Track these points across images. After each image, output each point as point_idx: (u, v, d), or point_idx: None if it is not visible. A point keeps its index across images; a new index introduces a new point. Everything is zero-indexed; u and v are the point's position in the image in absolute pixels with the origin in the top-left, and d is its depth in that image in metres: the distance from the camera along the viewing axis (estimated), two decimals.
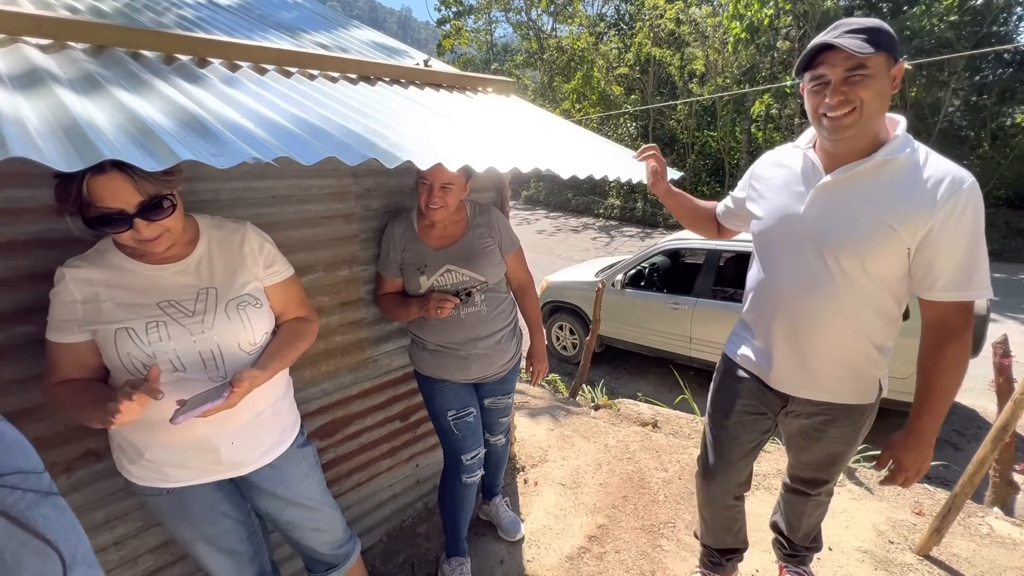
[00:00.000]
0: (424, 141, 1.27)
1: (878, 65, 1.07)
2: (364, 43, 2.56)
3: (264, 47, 1.58)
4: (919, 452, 1.21)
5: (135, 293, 1.08)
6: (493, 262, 1.72)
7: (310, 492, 1.38)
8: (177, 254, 1.14)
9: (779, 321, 1.33)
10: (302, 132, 1.07)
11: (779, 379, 1.39)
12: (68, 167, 0.65)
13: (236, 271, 1.20)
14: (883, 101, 1.10)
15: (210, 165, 0.79)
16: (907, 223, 1.09)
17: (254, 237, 1.26)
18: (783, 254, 1.30)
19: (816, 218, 1.22)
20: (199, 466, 1.19)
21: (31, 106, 0.82)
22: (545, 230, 15.01)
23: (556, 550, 2.11)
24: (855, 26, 1.09)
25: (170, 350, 1.08)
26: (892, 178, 1.13)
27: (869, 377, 1.32)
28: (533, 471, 2.65)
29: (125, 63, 1.20)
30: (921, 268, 1.13)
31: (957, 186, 1.06)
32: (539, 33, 20.63)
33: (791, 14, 12.12)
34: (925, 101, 11.58)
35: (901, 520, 2.25)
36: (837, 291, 1.21)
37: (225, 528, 1.28)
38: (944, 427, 4.16)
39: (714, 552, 1.76)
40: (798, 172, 1.29)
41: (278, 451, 1.30)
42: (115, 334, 1.04)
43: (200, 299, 1.13)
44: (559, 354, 5.76)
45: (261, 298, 1.24)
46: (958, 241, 1.07)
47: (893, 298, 1.22)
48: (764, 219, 1.36)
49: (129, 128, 0.81)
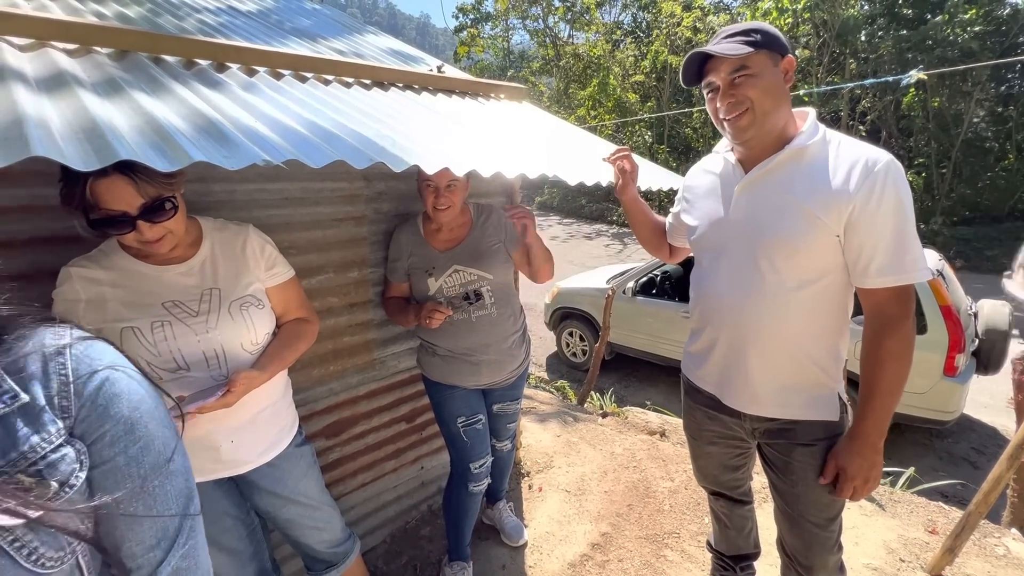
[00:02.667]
0: (432, 146, 1.29)
1: (761, 63, 1.09)
2: (380, 49, 2.61)
3: (281, 52, 1.62)
4: (865, 457, 1.12)
5: (140, 293, 1.10)
6: (500, 260, 1.73)
7: (308, 490, 1.40)
8: (181, 255, 1.16)
9: (718, 330, 1.29)
10: (314, 136, 1.10)
11: (726, 393, 1.32)
12: (86, 167, 0.68)
13: (239, 272, 1.22)
14: (776, 97, 1.11)
15: (222, 167, 0.82)
16: (829, 209, 1.07)
17: (256, 239, 1.28)
18: (716, 260, 1.28)
19: (743, 219, 1.20)
20: (199, 465, 1.19)
21: (55, 108, 0.85)
22: (558, 236, 15.01)
23: (558, 557, 2.10)
24: (732, 30, 1.12)
25: (175, 349, 1.10)
26: (808, 166, 1.12)
27: (822, 387, 1.22)
28: (538, 477, 2.65)
29: (147, 67, 1.24)
30: (852, 255, 1.09)
31: (872, 166, 1.04)
32: (556, 40, 20.72)
33: (810, 23, 12.02)
34: (948, 112, 11.38)
35: (913, 538, 2.20)
36: (774, 293, 1.16)
37: (225, 526, 1.30)
38: (963, 444, 4.05)
39: (726, 560, 1.69)
40: (721, 176, 1.30)
41: (276, 450, 1.32)
42: (121, 333, 1.06)
43: (204, 299, 1.16)
44: (569, 360, 5.74)
45: (263, 299, 1.26)
46: (883, 222, 1.04)
47: (835, 295, 1.16)
48: (696, 227, 1.34)
49: (147, 130, 0.84)
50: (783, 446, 1.28)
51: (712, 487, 1.60)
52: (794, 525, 1.33)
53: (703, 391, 1.40)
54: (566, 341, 5.72)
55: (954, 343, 3.52)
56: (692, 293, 1.41)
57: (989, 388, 4.59)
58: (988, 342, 3.75)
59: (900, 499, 2.50)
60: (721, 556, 1.71)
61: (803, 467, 1.25)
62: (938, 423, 3.68)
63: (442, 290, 1.68)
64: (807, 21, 11.98)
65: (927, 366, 3.59)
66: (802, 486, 1.28)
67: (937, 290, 3.60)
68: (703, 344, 1.35)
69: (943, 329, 3.55)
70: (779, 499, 1.35)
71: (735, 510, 1.60)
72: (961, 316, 3.62)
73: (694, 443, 1.54)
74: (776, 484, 1.34)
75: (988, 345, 3.75)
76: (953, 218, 11.27)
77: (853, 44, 11.96)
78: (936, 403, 3.62)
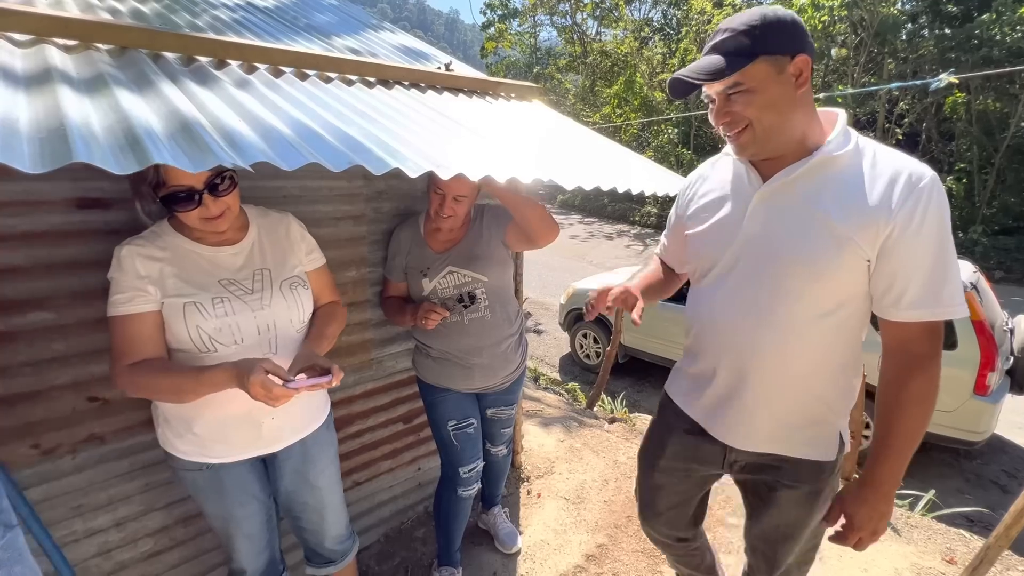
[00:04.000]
0: (422, 147, 1.26)
1: (758, 75, 0.92)
2: (392, 46, 2.59)
3: (282, 49, 1.61)
4: (875, 508, 1.00)
5: (197, 271, 1.17)
6: (496, 261, 1.70)
7: (330, 478, 1.46)
8: (231, 238, 1.24)
9: (718, 359, 1.14)
10: (296, 136, 1.08)
11: (716, 426, 1.19)
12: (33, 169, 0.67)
13: (284, 255, 1.32)
14: (782, 110, 0.95)
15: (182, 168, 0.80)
16: (864, 229, 0.92)
17: (295, 225, 1.38)
18: (723, 279, 1.11)
19: (759, 234, 1.04)
20: (241, 442, 1.27)
21: (28, 105, 0.85)
22: (578, 235, 14.89)
23: (551, 567, 2.06)
24: (730, 27, 0.94)
25: (234, 324, 1.17)
26: (840, 178, 0.96)
27: (827, 425, 1.11)
28: (538, 482, 2.61)
29: (142, 64, 1.24)
30: (882, 283, 0.95)
31: (916, 182, 0.91)
32: (583, 37, 20.51)
33: (847, 20, 11.58)
34: (993, 115, 10.83)
35: (928, 567, 2.08)
36: (788, 322, 1.02)
37: (251, 510, 1.35)
38: (993, 467, 3.85)
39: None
40: (733, 181, 1.12)
41: (310, 428, 1.39)
42: (184, 307, 1.13)
43: (256, 279, 1.24)
44: (582, 362, 5.68)
45: (306, 279, 1.35)
46: (923, 248, 0.91)
47: (853, 327, 1.03)
48: (701, 238, 1.17)
49: (116, 130, 0.83)
50: (767, 482, 1.18)
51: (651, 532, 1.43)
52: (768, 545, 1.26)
53: (690, 418, 1.26)
54: (580, 342, 5.66)
55: (986, 360, 3.34)
56: (689, 312, 1.25)
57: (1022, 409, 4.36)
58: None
59: (918, 524, 2.38)
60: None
61: (787, 507, 1.17)
62: (966, 444, 3.50)
63: (436, 291, 1.67)
64: (844, 19, 11.55)
65: (956, 383, 3.42)
66: (782, 521, 1.20)
67: (970, 303, 3.41)
68: (699, 370, 1.21)
69: (975, 345, 3.37)
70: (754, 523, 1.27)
71: (671, 552, 1.47)
72: (995, 332, 3.43)
73: (650, 473, 1.35)
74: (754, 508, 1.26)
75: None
76: (994, 227, 10.73)
77: (892, 43, 11.49)
78: (964, 422, 3.44)
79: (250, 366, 1.02)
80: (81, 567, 1.42)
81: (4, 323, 1.21)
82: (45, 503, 1.32)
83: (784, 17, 0.93)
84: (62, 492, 1.36)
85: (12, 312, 1.22)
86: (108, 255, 1.32)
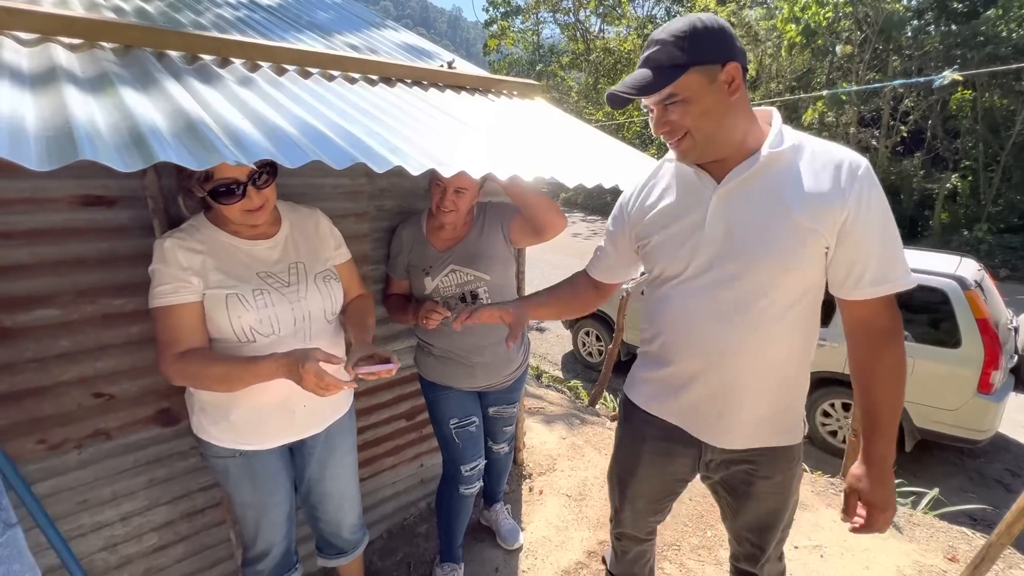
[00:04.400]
0: (424, 145, 1.27)
1: (691, 85, 0.95)
2: (394, 44, 2.60)
3: (285, 48, 1.62)
4: (885, 485, 1.05)
5: (236, 264, 1.22)
6: (498, 259, 1.70)
7: (349, 468, 1.52)
8: (265, 232, 1.29)
9: (696, 365, 1.14)
10: (299, 134, 1.09)
11: (695, 427, 1.20)
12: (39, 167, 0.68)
13: (316, 249, 1.37)
14: (718, 117, 0.98)
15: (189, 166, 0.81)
16: (823, 217, 0.97)
17: (324, 221, 1.44)
18: (692, 280, 1.11)
19: (723, 234, 1.05)
20: (275, 429, 1.31)
21: (34, 104, 0.86)
22: (581, 233, 14.87)
23: (553, 563, 2.07)
24: (660, 39, 0.96)
25: (273, 315, 1.22)
26: (789, 173, 1.00)
27: (793, 411, 1.16)
28: (540, 479, 2.62)
29: (146, 63, 1.25)
30: (842, 266, 1.00)
31: (856, 168, 0.97)
32: (586, 34, 20.45)
33: (851, 17, 11.51)
34: (999, 112, 10.76)
35: (930, 565, 2.08)
36: (760, 319, 1.04)
37: (280, 498, 1.40)
38: (996, 465, 3.84)
39: None
40: (686, 186, 1.12)
41: (337, 414, 1.45)
42: (226, 298, 1.17)
43: (292, 272, 1.29)
44: (584, 360, 5.69)
45: (335, 272, 1.40)
46: (874, 229, 0.97)
47: (813, 312, 1.08)
48: (664, 245, 1.15)
49: (121, 128, 0.84)
50: (743, 478, 1.22)
51: (632, 532, 1.47)
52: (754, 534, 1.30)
53: (661, 422, 1.25)
54: (582, 340, 5.67)
55: (990, 359, 3.33)
56: (656, 317, 1.22)
57: None
58: None
59: (920, 522, 2.38)
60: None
61: (765, 498, 1.21)
62: (970, 442, 3.49)
63: (438, 290, 1.67)
64: (849, 15, 11.48)
65: (960, 382, 3.41)
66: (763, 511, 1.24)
67: (974, 302, 3.40)
68: (671, 374, 1.20)
69: (979, 344, 3.36)
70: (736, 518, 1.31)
71: (636, 547, 1.52)
72: (999, 330, 3.42)
73: (631, 480, 1.36)
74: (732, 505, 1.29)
75: None
76: (1000, 225, 10.67)
77: (897, 40, 11.41)
78: (968, 421, 3.43)
79: (304, 356, 1.05)
80: (87, 561, 1.43)
81: (10, 320, 1.23)
82: (52, 497, 1.34)
83: (712, 26, 0.95)
84: (68, 487, 1.37)
85: (18, 309, 1.23)
86: (112, 252, 1.34)
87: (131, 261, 1.36)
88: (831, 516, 2.39)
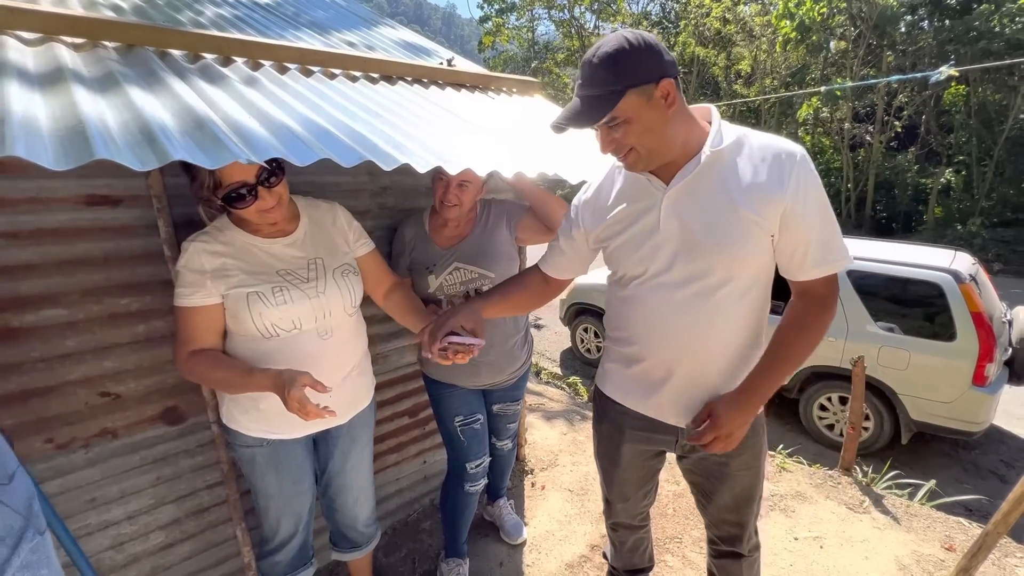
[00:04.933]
0: (429, 143, 1.27)
1: (629, 108, 0.99)
2: (392, 42, 2.60)
3: (287, 46, 1.62)
4: (740, 413, 1.11)
5: (257, 263, 1.25)
6: (503, 256, 1.69)
7: (368, 461, 1.57)
8: (284, 230, 1.31)
9: (668, 358, 1.19)
10: (307, 132, 1.09)
11: (671, 415, 1.25)
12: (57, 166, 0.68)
13: (335, 244, 1.39)
14: (658, 132, 1.02)
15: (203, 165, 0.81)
16: (765, 208, 1.03)
17: (342, 215, 1.45)
18: (651, 282, 1.16)
19: (677, 233, 1.10)
20: (297, 420, 1.27)
21: (44, 104, 0.86)
22: None
23: (557, 556, 2.09)
24: (588, 74, 0.99)
25: (293, 311, 1.25)
26: (731, 168, 1.06)
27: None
28: (542, 475, 2.64)
29: (150, 62, 1.25)
30: (787, 251, 1.08)
31: (791, 159, 1.03)
32: (581, 31, 20.42)
33: (845, 13, 11.55)
34: (992, 107, 10.83)
35: (927, 554, 2.11)
36: (723, 307, 1.11)
37: (303, 488, 1.43)
38: (991, 456, 3.89)
39: (621, 574, 1.70)
40: (638, 190, 1.16)
41: (361, 405, 1.49)
42: (247, 297, 1.20)
43: (311, 268, 1.31)
44: (583, 356, 5.70)
45: (355, 266, 1.43)
46: (812, 215, 1.04)
47: (767, 293, 1.16)
48: (623, 248, 1.19)
49: (132, 128, 0.85)
50: (718, 459, 1.28)
51: (626, 520, 1.54)
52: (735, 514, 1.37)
53: (638, 414, 1.30)
54: (580, 337, 5.68)
55: (985, 352, 3.36)
56: (623, 315, 1.26)
57: (1022, 398, 4.39)
58: (1023, 351, 3.58)
59: (917, 513, 2.41)
60: (615, 570, 1.71)
61: (740, 475, 1.29)
62: (965, 434, 3.53)
63: (442, 287, 1.67)
64: (843, 11, 11.52)
65: (955, 375, 3.44)
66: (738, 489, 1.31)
67: (969, 296, 3.44)
68: (644, 370, 1.25)
69: (974, 337, 3.39)
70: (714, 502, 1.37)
71: (633, 536, 1.59)
72: (994, 323, 3.45)
73: (616, 471, 1.43)
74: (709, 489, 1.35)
75: (1022, 355, 3.58)
76: (993, 219, 10.76)
77: (891, 36, 11.47)
78: (963, 413, 3.47)
79: (291, 381, 1.09)
80: (94, 559, 1.44)
81: (18, 319, 1.23)
82: (60, 496, 1.34)
83: (640, 46, 0.96)
84: (76, 486, 1.38)
85: (25, 309, 1.24)
86: (118, 251, 1.35)
87: (136, 260, 1.36)
88: (830, 508, 2.42)
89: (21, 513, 0.56)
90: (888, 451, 3.69)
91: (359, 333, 1.47)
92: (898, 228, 12.30)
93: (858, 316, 3.72)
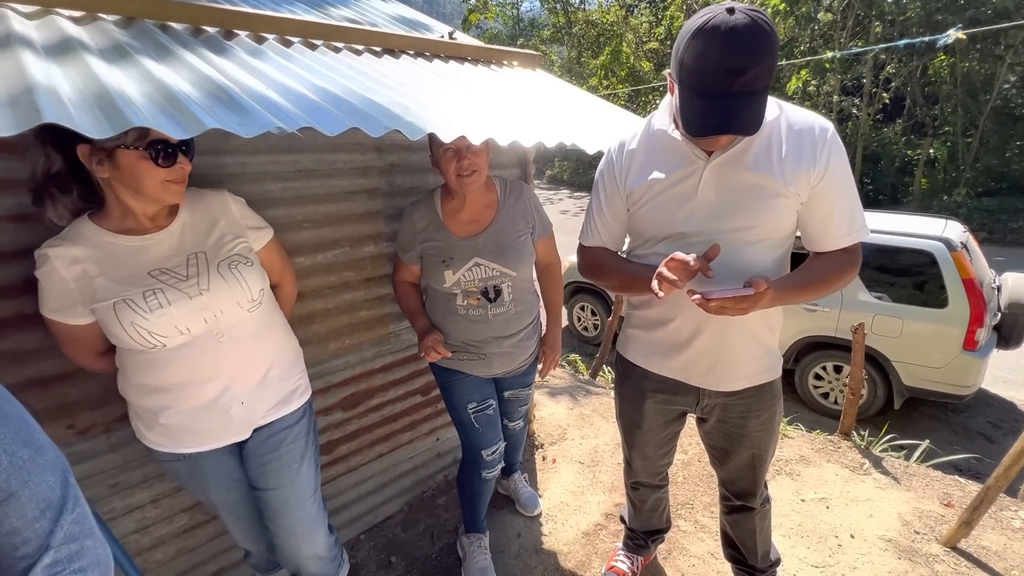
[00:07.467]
0: (448, 114, 1.25)
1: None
2: (389, 16, 2.53)
3: (289, 19, 1.57)
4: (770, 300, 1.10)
5: (124, 266, 1.08)
6: (525, 255, 1.57)
7: (304, 481, 1.35)
8: (159, 224, 1.13)
9: (697, 321, 1.23)
10: (326, 103, 1.07)
11: (695, 376, 1.31)
12: (99, 134, 0.66)
13: (222, 234, 1.21)
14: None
15: (236, 134, 0.79)
16: (799, 180, 1.08)
17: (232, 200, 1.26)
18: (683, 240, 1.18)
19: (715, 200, 1.13)
20: (211, 430, 1.21)
21: (64, 75, 0.83)
22: (569, 210, 14.85)
23: (573, 526, 2.13)
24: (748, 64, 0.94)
25: (173, 315, 1.08)
26: (770, 141, 1.09)
27: (775, 348, 1.32)
28: (552, 449, 2.67)
29: (154, 34, 1.21)
30: (817, 224, 1.13)
31: (824, 134, 1.07)
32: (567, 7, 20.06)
33: None
34: (978, 76, 10.89)
35: (928, 511, 2.20)
36: (747, 264, 1.14)
37: (241, 495, 1.33)
38: (979, 418, 4.02)
39: (639, 535, 1.78)
40: (677, 155, 1.17)
41: (285, 410, 1.31)
42: (114, 307, 1.04)
43: (191, 263, 1.14)
44: (580, 335, 5.75)
45: (251, 256, 1.24)
46: (840, 188, 1.09)
47: (788, 254, 1.22)
48: (657, 211, 1.21)
49: (157, 97, 0.82)
50: (736, 420, 1.34)
51: (647, 479, 1.62)
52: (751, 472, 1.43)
53: (661, 377, 1.36)
54: (577, 315, 5.71)
55: (975, 317, 3.45)
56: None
57: (1008, 362, 4.52)
58: (1011, 316, 3.67)
59: (915, 472, 2.49)
60: (633, 531, 1.79)
61: (757, 434, 1.35)
62: (956, 398, 3.64)
63: (460, 284, 1.53)
64: None
65: (946, 340, 3.53)
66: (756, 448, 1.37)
67: (960, 263, 3.50)
68: (672, 336, 1.29)
69: (965, 303, 3.47)
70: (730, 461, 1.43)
71: (653, 495, 1.66)
72: (984, 290, 3.53)
73: (637, 431, 1.50)
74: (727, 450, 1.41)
75: (1011, 319, 3.67)
76: (978, 189, 10.91)
77: (879, 6, 11.42)
78: (954, 378, 3.57)
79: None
80: (122, 543, 1.44)
81: (32, 306, 1.20)
82: (84, 482, 1.33)
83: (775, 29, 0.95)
84: (99, 471, 1.37)
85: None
86: None
87: None
88: (833, 471, 2.49)
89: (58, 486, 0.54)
90: (881, 416, 3.80)
91: (271, 329, 1.29)
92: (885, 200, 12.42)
93: (852, 285, 3.79)
